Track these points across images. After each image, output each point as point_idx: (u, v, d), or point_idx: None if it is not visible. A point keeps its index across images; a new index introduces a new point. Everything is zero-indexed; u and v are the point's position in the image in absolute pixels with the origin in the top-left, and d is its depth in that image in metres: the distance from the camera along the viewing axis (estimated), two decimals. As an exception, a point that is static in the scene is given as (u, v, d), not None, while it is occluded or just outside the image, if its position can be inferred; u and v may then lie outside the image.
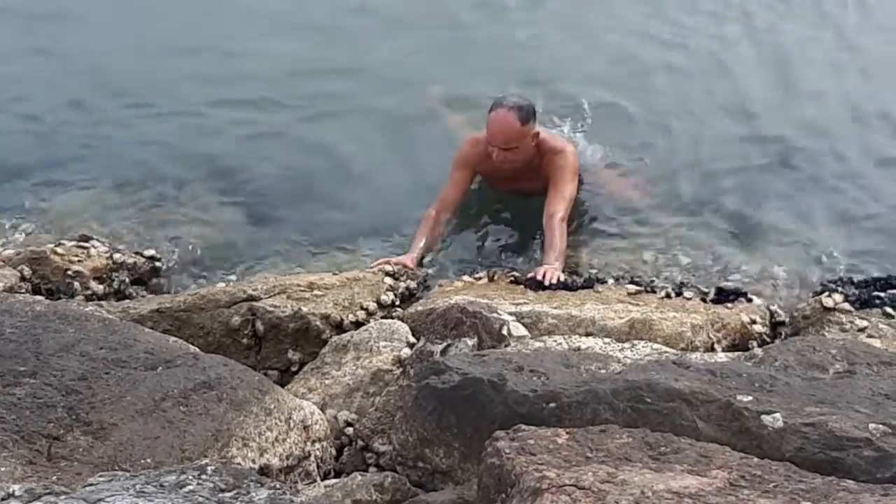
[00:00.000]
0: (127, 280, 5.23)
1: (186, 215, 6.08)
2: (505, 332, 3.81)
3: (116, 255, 5.28)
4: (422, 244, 5.38)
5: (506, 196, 5.80)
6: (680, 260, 5.31)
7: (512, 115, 5.26)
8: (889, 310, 4.44)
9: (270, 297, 4.46)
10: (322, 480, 3.20)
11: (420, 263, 5.28)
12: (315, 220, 6.03)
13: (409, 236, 5.54)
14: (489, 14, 8.22)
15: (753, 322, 4.53)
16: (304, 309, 4.39)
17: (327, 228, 5.94)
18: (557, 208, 5.28)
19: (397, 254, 5.32)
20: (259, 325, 4.34)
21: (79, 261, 5.11)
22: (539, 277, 4.80)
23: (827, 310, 4.48)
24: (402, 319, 4.31)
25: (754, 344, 4.37)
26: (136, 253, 5.45)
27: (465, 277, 5.06)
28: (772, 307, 4.75)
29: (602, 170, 6.05)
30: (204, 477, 2.29)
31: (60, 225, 5.81)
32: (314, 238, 5.86)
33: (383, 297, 4.67)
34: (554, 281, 4.78)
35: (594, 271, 5.11)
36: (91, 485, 2.29)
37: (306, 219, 6.05)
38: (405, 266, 5.07)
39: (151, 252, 5.51)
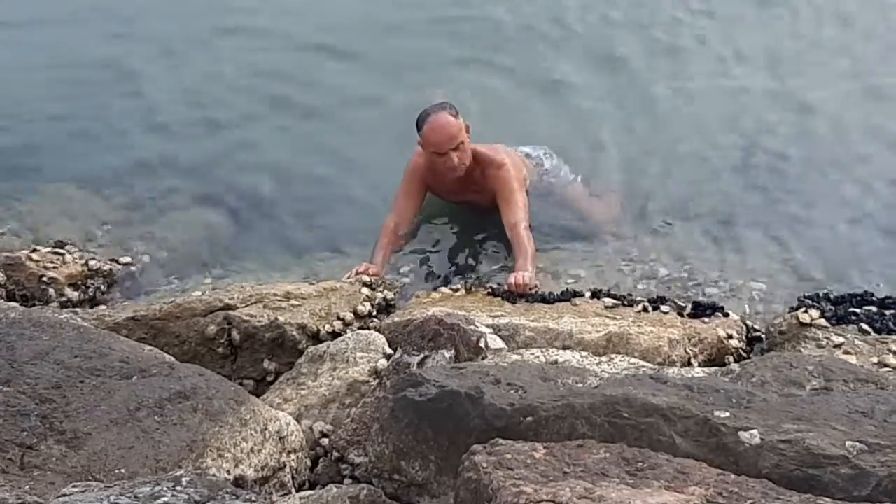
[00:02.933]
0: (102, 287, 5.21)
1: (162, 219, 6.07)
2: (482, 344, 3.82)
3: (92, 262, 5.26)
4: (381, 257, 5.39)
5: (471, 212, 5.80)
6: (657, 274, 5.32)
7: (444, 114, 5.33)
8: (865, 326, 4.45)
9: (247, 306, 4.44)
10: (297, 492, 3.18)
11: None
12: (292, 226, 6.03)
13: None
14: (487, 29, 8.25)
15: (730, 337, 4.53)
16: (281, 318, 4.37)
17: (305, 234, 5.94)
18: (518, 218, 5.32)
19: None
20: (235, 335, 4.32)
21: (54, 267, 5.09)
22: (512, 284, 4.83)
23: (803, 325, 4.49)
24: (378, 330, 4.30)
25: (731, 359, 4.39)
26: (112, 260, 5.43)
27: (443, 289, 5.06)
28: (748, 322, 4.76)
29: (576, 186, 6.03)
30: (179, 488, 2.28)
31: (36, 228, 5.77)
32: (291, 244, 5.87)
33: (360, 308, 4.66)
34: (528, 283, 4.81)
35: (571, 284, 5.10)
36: (64, 495, 2.28)
37: (283, 225, 6.05)
38: (376, 274, 5.08)
39: (127, 259, 5.49)
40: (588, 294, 4.84)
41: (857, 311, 4.58)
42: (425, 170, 5.60)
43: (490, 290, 4.91)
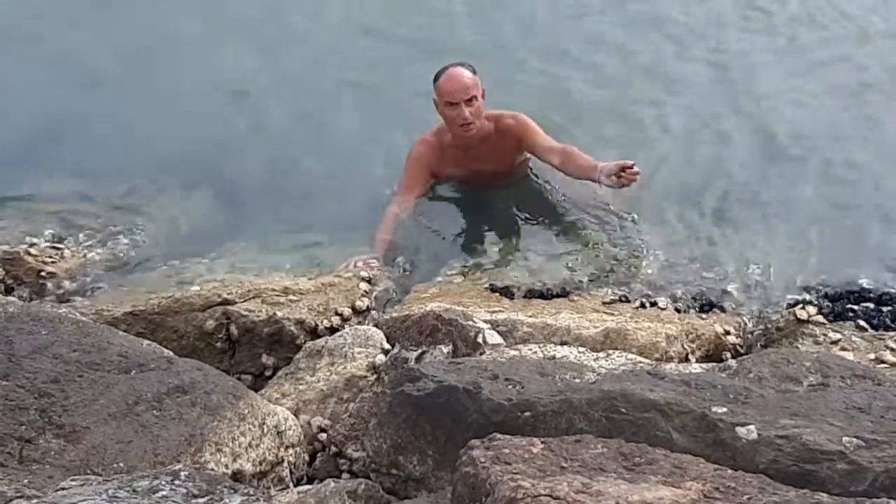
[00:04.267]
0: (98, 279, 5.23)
1: (159, 208, 6.05)
2: (480, 339, 3.82)
3: (90, 255, 5.26)
4: (385, 245, 5.40)
5: (474, 200, 5.79)
6: (655, 270, 5.31)
7: (460, 68, 5.40)
8: (862, 322, 4.47)
9: (245, 301, 4.45)
10: (295, 486, 3.18)
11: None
12: (289, 214, 6.02)
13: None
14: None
15: (727, 333, 4.55)
16: (279, 313, 4.38)
17: (304, 221, 5.92)
18: (559, 144, 5.58)
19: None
20: (233, 330, 4.33)
21: (52, 262, 5.08)
22: (624, 165, 5.11)
23: (801, 322, 4.51)
24: (377, 325, 4.30)
25: (728, 355, 4.39)
26: (109, 251, 5.45)
27: (441, 283, 5.05)
28: (745, 318, 4.77)
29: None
30: (177, 482, 2.28)
31: (32, 218, 5.75)
32: (289, 231, 5.84)
33: (358, 303, 4.67)
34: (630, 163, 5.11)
35: (569, 279, 5.10)
36: (63, 489, 2.28)
37: (281, 212, 6.04)
38: (373, 266, 5.08)
39: (125, 241, 5.50)
40: (586, 289, 4.84)
41: (855, 307, 4.60)
42: (431, 153, 5.65)
43: (490, 286, 4.91)
